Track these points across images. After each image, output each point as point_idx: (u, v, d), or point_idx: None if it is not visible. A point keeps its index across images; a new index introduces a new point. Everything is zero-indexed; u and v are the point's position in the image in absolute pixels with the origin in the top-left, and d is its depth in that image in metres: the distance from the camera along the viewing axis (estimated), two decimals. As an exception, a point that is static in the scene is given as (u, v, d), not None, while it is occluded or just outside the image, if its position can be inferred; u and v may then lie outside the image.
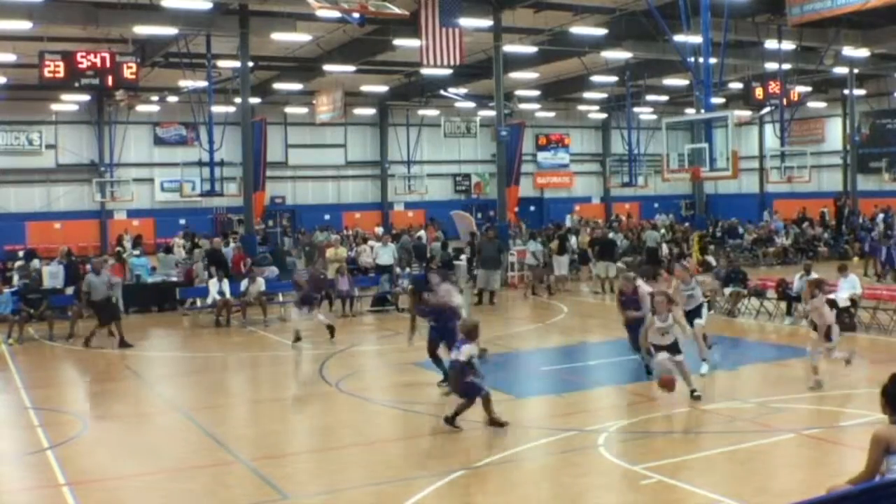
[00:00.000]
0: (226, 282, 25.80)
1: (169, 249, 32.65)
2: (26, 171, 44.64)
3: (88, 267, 24.75)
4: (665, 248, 35.51)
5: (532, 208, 56.70)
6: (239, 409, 15.84)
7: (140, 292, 28.83)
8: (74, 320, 23.24)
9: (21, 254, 32.19)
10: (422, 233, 40.15)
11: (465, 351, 13.11)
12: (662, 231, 39.97)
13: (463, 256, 33.05)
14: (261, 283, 26.08)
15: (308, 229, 43.44)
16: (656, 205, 58.95)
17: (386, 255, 29.47)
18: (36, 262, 28.01)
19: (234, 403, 16.50)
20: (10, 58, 32.99)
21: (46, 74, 29.99)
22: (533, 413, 14.76)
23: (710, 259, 31.94)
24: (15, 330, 22.74)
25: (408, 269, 29.63)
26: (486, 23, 32.56)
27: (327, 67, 38.49)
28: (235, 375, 18.82)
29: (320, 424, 14.56)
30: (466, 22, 30.20)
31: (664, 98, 52.21)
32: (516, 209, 38.07)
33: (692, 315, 16.87)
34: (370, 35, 33.83)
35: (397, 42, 33.12)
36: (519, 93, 47.28)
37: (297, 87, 43.52)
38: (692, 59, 27.41)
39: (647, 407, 14.23)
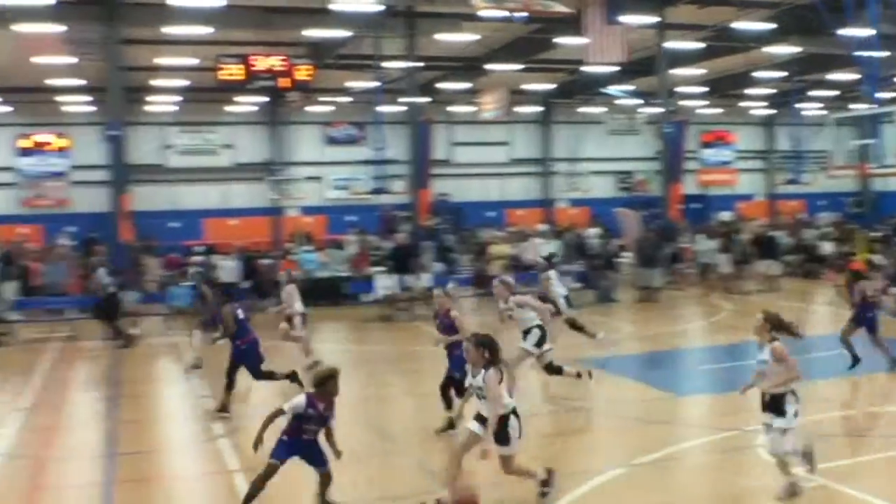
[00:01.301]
0: (395, 277, 26.53)
1: (339, 245, 33.59)
2: (204, 170, 46.39)
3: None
4: (829, 247, 34.63)
5: (696, 206, 55.86)
6: (402, 401, 16.26)
7: (310, 287, 29.91)
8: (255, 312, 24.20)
9: (199, 249, 33.60)
10: (593, 230, 39.98)
11: (291, 403, 9.89)
12: (825, 229, 38.93)
13: (626, 254, 32.99)
14: (427, 279, 26.67)
15: (472, 226, 43.92)
16: (822, 202, 57.29)
17: (548, 251, 29.68)
18: (217, 258, 29.35)
19: (398, 395, 16.97)
20: (191, 62, 34.30)
21: (224, 77, 31.35)
22: (693, 411, 14.78)
23: (877, 258, 31.10)
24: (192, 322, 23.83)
25: (572, 266, 29.86)
26: (651, 19, 32.39)
27: (491, 66, 38.86)
28: (399, 368, 19.26)
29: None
30: (631, 19, 30.16)
31: (831, 93, 50.77)
32: (680, 207, 37.74)
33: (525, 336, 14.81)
34: (533, 34, 34.05)
35: (559, 40, 33.21)
36: (682, 89, 46.74)
37: (461, 86, 44.04)
38: (860, 53, 26.73)
39: (814, 407, 13.95)
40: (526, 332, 14.85)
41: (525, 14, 27.78)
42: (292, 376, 15.43)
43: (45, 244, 35.51)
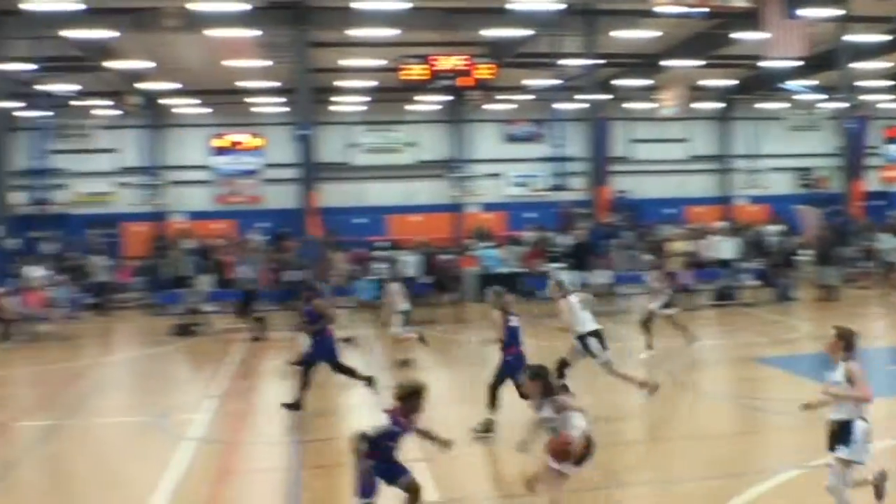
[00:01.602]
0: (575, 273, 26.95)
1: (517, 241, 34.18)
2: (387, 167, 47.69)
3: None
4: None
5: (878, 203, 54.00)
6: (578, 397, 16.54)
7: (489, 281, 30.65)
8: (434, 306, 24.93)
9: (383, 244, 34.64)
10: (773, 227, 39.33)
11: (376, 427, 8.91)
12: None
13: (805, 251, 32.49)
14: (605, 275, 26.91)
15: (651, 223, 43.82)
16: None
17: (727, 248, 29.61)
18: (399, 253, 30.41)
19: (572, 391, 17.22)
20: (375, 63, 35.37)
21: (407, 77, 32.32)
22: (873, 414, 14.54)
23: None
24: (376, 314, 24.72)
25: (751, 263, 29.70)
26: (832, 12, 31.70)
27: (670, 63, 38.66)
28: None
29: (656, 415, 14.86)
30: (811, 12, 29.64)
31: None
32: (861, 204, 36.86)
33: (585, 346, 14.94)
34: (712, 29, 33.78)
35: (738, 36, 32.82)
36: (865, 84, 45.43)
37: (640, 83, 43.92)
38: None
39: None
40: (585, 343, 14.86)
41: (704, 10, 27.77)
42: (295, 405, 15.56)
43: (239, 239, 37.11)
